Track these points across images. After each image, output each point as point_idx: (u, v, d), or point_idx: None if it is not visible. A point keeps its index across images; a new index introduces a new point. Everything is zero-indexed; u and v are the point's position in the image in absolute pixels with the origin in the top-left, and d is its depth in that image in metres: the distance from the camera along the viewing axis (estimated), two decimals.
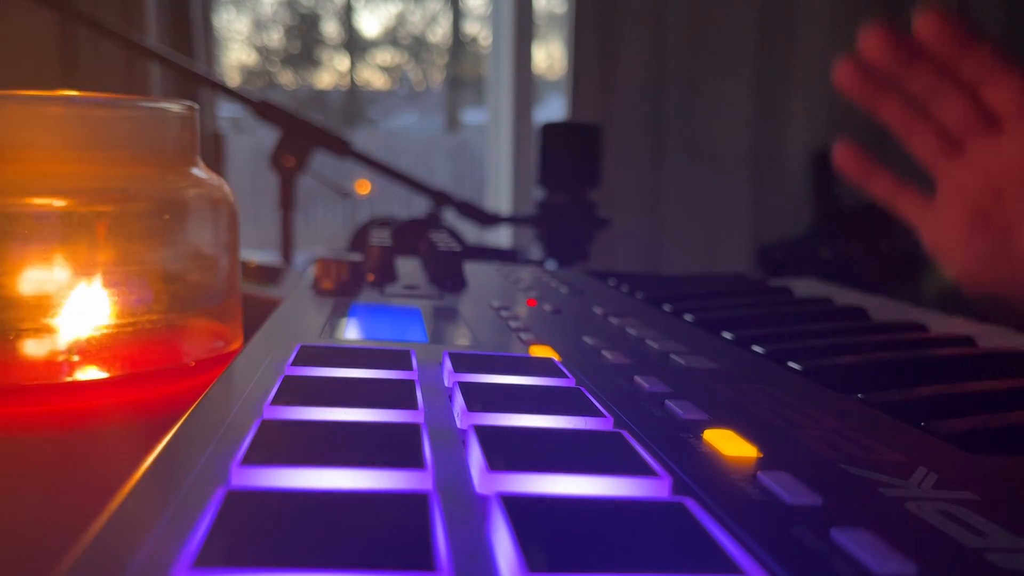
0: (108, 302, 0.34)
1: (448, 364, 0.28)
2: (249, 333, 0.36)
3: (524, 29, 2.10)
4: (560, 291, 0.52)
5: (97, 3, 1.48)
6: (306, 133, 1.01)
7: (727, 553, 0.15)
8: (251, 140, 2.15)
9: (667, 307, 0.48)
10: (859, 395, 0.30)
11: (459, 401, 0.24)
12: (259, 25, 2.72)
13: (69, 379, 0.34)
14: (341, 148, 1.03)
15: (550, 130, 1.13)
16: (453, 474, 0.19)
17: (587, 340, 0.37)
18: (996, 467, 0.23)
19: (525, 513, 0.16)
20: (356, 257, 0.48)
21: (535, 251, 1.15)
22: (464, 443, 0.21)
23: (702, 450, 0.22)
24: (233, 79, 2.60)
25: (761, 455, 0.22)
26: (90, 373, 0.34)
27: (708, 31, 2.12)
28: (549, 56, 2.50)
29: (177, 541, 0.15)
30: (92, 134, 0.35)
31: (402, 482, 0.18)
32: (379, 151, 1.14)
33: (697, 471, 0.21)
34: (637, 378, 0.30)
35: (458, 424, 0.23)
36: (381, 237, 0.55)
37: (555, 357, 0.32)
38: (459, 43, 2.83)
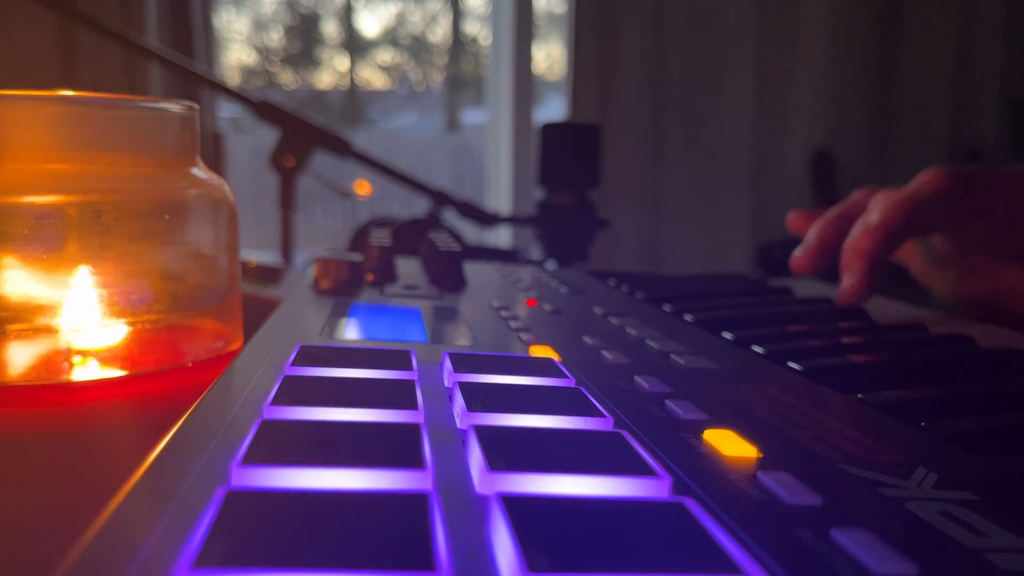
0: (108, 302, 0.34)
1: (448, 364, 0.28)
2: (249, 333, 0.36)
3: (524, 29, 2.10)
4: (560, 291, 0.52)
5: (97, 3, 1.48)
6: (306, 133, 1.01)
7: (727, 553, 0.15)
8: (251, 140, 2.15)
9: (667, 307, 0.48)
10: (859, 395, 0.30)
11: (459, 401, 0.24)
12: (259, 25, 2.72)
13: (69, 379, 0.34)
14: (341, 148, 1.03)
15: (550, 130, 1.13)
16: (453, 474, 0.19)
17: (587, 340, 0.37)
18: (996, 467, 0.23)
19: (525, 513, 0.16)
20: (356, 257, 0.48)
21: (535, 251, 1.15)
22: (464, 443, 0.21)
23: (702, 450, 0.22)
24: (233, 79, 2.60)
25: (761, 455, 0.22)
26: (90, 373, 0.34)
27: (708, 31, 2.12)
28: (549, 56, 2.50)
29: (177, 541, 0.15)
30: (92, 134, 0.35)
31: (402, 482, 0.18)
32: (379, 151, 1.14)
33: (697, 471, 0.21)
34: (637, 378, 0.30)
35: (458, 424, 0.23)
36: (381, 237, 0.54)
37: (555, 357, 0.32)
38: (459, 43, 2.83)
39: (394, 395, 0.24)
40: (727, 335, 0.40)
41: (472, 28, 2.82)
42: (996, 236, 0.49)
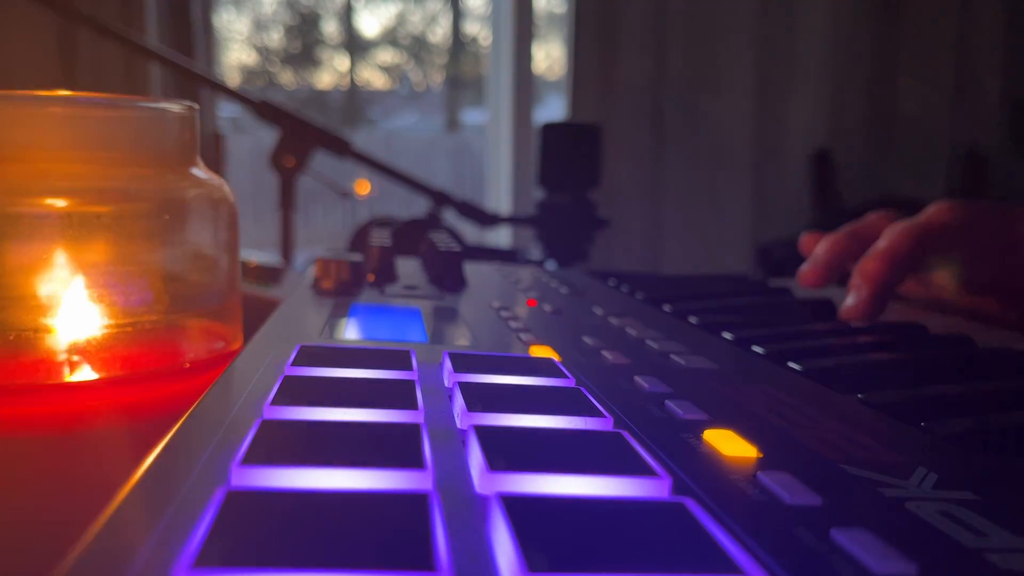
0: (108, 302, 0.34)
1: (448, 364, 0.28)
2: (249, 333, 0.36)
3: (524, 29, 2.10)
4: (560, 291, 0.52)
5: (97, 3, 1.48)
6: (306, 133, 1.01)
7: (727, 553, 0.15)
8: (251, 140, 2.15)
9: (667, 307, 0.48)
10: (859, 395, 0.30)
11: (459, 401, 0.24)
12: (259, 25, 2.72)
13: (69, 379, 0.34)
14: (341, 148, 1.03)
15: (550, 130, 1.13)
16: (453, 474, 0.19)
17: (587, 340, 0.37)
18: (996, 467, 0.23)
19: (525, 513, 0.16)
20: (356, 257, 0.48)
21: (535, 251, 1.15)
22: (464, 443, 0.21)
23: (702, 450, 0.22)
24: (233, 79, 2.60)
25: (761, 455, 0.22)
26: (90, 373, 0.34)
27: (708, 31, 2.12)
28: (549, 56, 2.51)
29: (177, 541, 0.15)
30: (92, 134, 0.35)
31: (402, 482, 0.18)
32: (379, 151, 1.14)
33: (697, 471, 0.21)
34: (637, 378, 0.30)
35: (458, 424, 0.23)
36: (381, 237, 0.54)
37: (555, 357, 0.32)
38: (459, 43, 2.83)
39: (394, 395, 0.24)
40: (727, 335, 0.40)
41: (472, 28, 2.82)
42: (1001, 273, 0.50)
